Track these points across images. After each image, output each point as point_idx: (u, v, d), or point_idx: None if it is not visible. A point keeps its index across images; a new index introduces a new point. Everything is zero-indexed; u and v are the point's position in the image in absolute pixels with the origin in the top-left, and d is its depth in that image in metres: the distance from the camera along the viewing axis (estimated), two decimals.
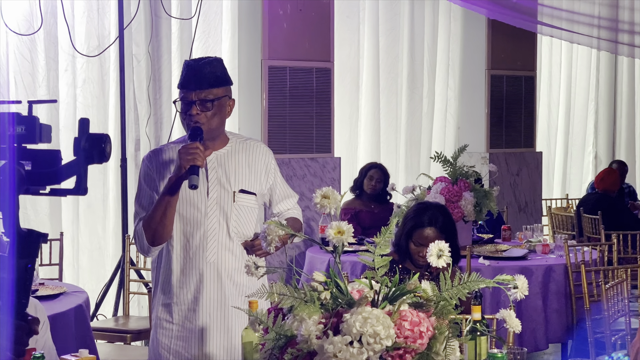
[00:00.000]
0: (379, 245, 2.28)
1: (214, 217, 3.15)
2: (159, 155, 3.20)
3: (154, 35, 6.52)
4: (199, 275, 3.14)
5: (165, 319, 3.18)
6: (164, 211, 3.06)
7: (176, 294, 3.15)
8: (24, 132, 1.74)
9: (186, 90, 3.10)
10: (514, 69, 8.50)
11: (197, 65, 3.12)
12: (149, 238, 3.08)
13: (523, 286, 2.31)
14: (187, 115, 3.11)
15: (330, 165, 7.05)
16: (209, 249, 3.14)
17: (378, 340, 2.06)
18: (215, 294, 3.15)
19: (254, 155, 3.26)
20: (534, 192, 8.73)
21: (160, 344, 3.18)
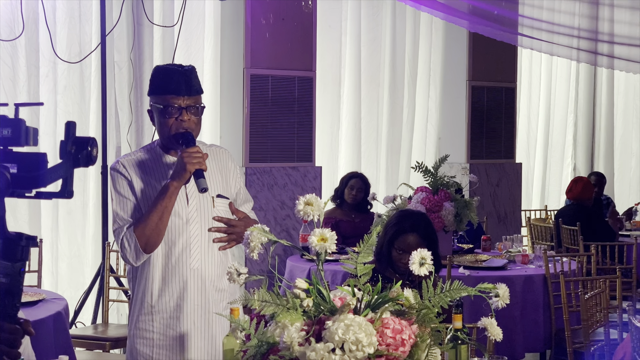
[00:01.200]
0: (361, 253, 2.29)
1: (195, 223, 3.14)
2: (134, 162, 3.17)
3: (136, 42, 6.51)
4: (182, 283, 3.13)
5: (145, 328, 3.15)
6: (160, 217, 3.05)
7: (157, 302, 3.13)
8: (10, 135, 1.73)
9: (175, 95, 3.09)
10: (495, 80, 8.56)
11: (185, 71, 3.12)
12: (142, 245, 3.06)
13: (504, 294, 2.32)
14: (176, 121, 3.10)
15: (311, 174, 7.06)
16: (193, 255, 3.13)
17: (360, 348, 2.06)
18: (199, 301, 3.14)
19: (222, 161, 3.27)
20: (514, 202, 8.78)
21: (140, 354, 3.15)
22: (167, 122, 3.11)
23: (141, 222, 3.07)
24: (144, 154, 3.21)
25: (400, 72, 8.40)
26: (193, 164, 3.00)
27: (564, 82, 10.42)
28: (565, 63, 10.14)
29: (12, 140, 1.74)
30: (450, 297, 2.23)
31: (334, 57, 7.87)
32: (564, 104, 10.47)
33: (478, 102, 8.47)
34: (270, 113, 6.85)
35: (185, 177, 3.03)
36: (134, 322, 3.19)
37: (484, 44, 8.25)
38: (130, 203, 3.13)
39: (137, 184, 3.14)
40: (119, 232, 3.11)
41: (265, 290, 2.23)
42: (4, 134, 1.74)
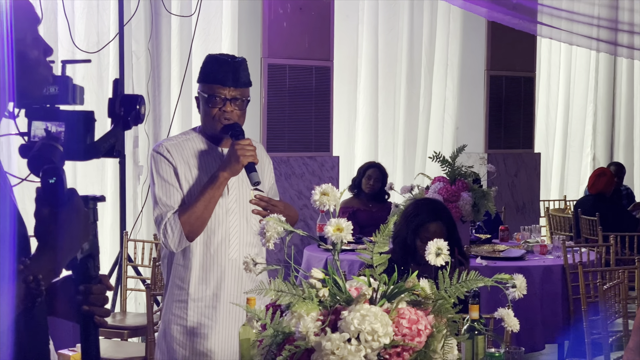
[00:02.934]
0: (377, 243, 2.28)
1: (234, 214, 3.16)
2: (178, 148, 3.17)
3: (154, 33, 6.51)
4: (220, 273, 3.14)
5: (181, 315, 3.16)
6: (206, 206, 3.05)
7: (195, 291, 3.14)
8: (57, 92, 1.71)
9: (221, 85, 3.09)
10: (513, 70, 8.50)
11: (234, 62, 3.11)
12: (186, 232, 3.06)
13: (521, 285, 2.31)
14: (219, 111, 3.10)
15: (328, 164, 7.05)
16: (231, 246, 3.15)
17: (376, 338, 2.06)
18: (235, 291, 3.15)
19: (259, 155, 3.27)
20: (532, 193, 8.73)
21: (174, 340, 3.17)
22: (210, 112, 3.11)
23: (187, 209, 3.07)
24: (187, 140, 3.20)
25: (417, 62, 8.37)
26: (247, 156, 3.02)
27: (584, 71, 10.35)
28: (584, 52, 10.06)
29: (59, 98, 1.72)
30: (467, 288, 2.22)
31: (351, 46, 7.84)
32: (584, 94, 10.39)
33: (496, 92, 8.42)
34: (288, 103, 6.85)
35: (237, 169, 3.04)
36: (169, 308, 3.20)
37: (502, 33, 8.20)
38: (174, 189, 3.13)
39: (181, 170, 3.14)
40: (162, 217, 3.10)
41: (281, 280, 2.23)
42: (50, 91, 1.72)
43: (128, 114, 1.80)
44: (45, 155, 1.65)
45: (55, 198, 1.64)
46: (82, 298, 1.79)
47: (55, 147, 1.67)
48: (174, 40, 6.64)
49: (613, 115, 10.84)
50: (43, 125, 1.70)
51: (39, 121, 1.70)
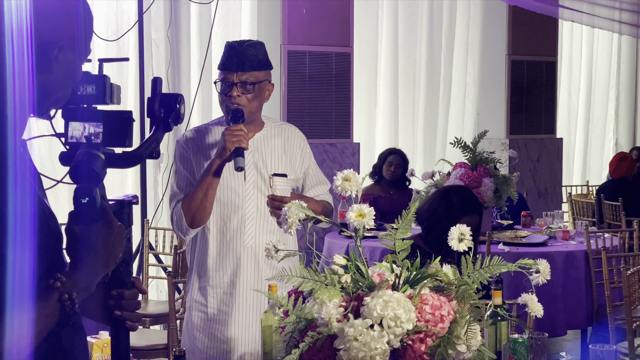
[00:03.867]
0: (399, 229, 2.27)
1: (251, 201, 3.15)
2: (196, 137, 3.19)
3: (173, 20, 6.51)
4: (236, 259, 3.14)
5: (201, 301, 3.17)
6: (205, 193, 3.06)
7: (212, 277, 3.15)
8: (94, 92, 1.69)
9: (227, 71, 3.09)
10: (535, 55, 8.44)
11: (240, 47, 3.11)
12: (188, 220, 3.08)
13: (545, 270, 2.29)
14: (227, 97, 3.10)
15: (349, 151, 7.03)
16: (247, 232, 3.14)
17: (399, 324, 2.05)
18: (252, 278, 3.15)
19: (290, 140, 3.26)
20: (554, 178, 8.68)
21: (195, 326, 3.18)
22: (222, 98, 3.13)
23: (187, 197, 3.10)
24: (209, 128, 3.22)
25: (437, 47, 8.32)
26: (232, 142, 3.00)
27: (606, 55, 10.25)
28: (606, 36, 9.97)
29: (96, 98, 1.70)
30: (490, 273, 2.20)
31: (370, 32, 7.81)
32: (606, 78, 10.31)
33: (518, 77, 8.36)
34: (308, 89, 6.83)
35: (225, 154, 3.03)
36: (190, 295, 3.22)
37: (523, 17, 8.13)
38: (185, 177, 3.16)
39: (195, 157, 3.16)
40: (172, 205, 3.16)
41: (303, 266, 2.22)
42: (88, 91, 1.70)
43: (168, 115, 1.77)
44: (88, 165, 1.63)
45: (87, 217, 1.62)
46: (115, 303, 1.78)
47: (97, 156, 1.65)
48: (194, 28, 6.63)
49: (636, 99, 10.74)
50: (80, 127, 1.67)
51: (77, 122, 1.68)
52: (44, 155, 5.70)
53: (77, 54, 1.70)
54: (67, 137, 1.69)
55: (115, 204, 1.74)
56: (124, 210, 1.75)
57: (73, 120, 1.68)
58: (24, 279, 1.58)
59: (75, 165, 1.63)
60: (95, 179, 1.64)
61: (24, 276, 1.58)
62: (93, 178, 1.63)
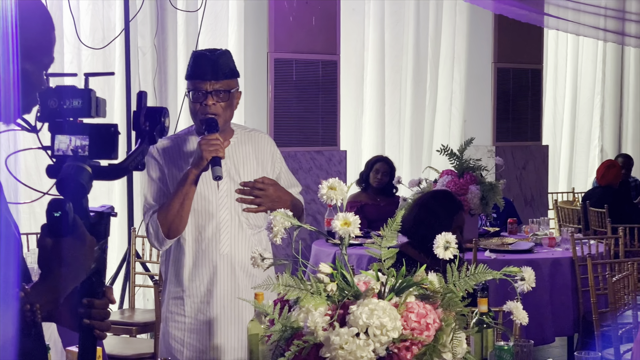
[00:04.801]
0: (385, 237, 2.28)
1: (225, 209, 3.14)
2: (168, 148, 3.18)
3: (160, 28, 6.50)
4: (212, 268, 3.13)
5: (177, 312, 3.17)
6: (181, 203, 3.05)
7: (188, 287, 3.14)
8: (80, 106, 1.71)
9: (201, 80, 3.08)
10: (521, 62, 8.48)
11: (213, 55, 3.10)
12: (165, 230, 3.07)
13: (530, 278, 2.30)
14: (201, 106, 3.09)
15: (336, 159, 7.04)
16: (222, 241, 3.14)
17: (384, 332, 2.05)
18: (229, 286, 3.14)
19: (260, 146, 3.26)
20: (540, 185, 8.71)
21: (172, 337, 3.18)
22: (194, 107, 3.11)
23: (163, 208, 3.08)
24: (180, 138, 3.21)
25: (423, 55, 8.34)
26: (209, 151, 2.99)
27: (591, 63, 10.31)
28: (591, 44, 10.02)
29: (82, 111, 1.72)
30: (475, 281, 2.21)
31: (357, 40, 7.82)
32: (591, 85, 10.36)
33: (504, 84, 8.40)
34: (295, 97, 6.83)
35: (202, 164, 3.02)
36: (166, 305, 3.21)
37: (509, 25, 8.17)
38: (158, 187, 3.15)
39: (167, 168, 3.15)
40: (146, 216, 3.14)
41: (289, 274, 2.22)
42: (74, 104, 1.72)
43: (153, 128, 1.80)
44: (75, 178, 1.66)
45: (60, 230, 1.66)
46: (84, 311, 1.80)
47: (83, 169, 1.68)
48: (180, 36, 6.63)
49: (621, 106, 10.79)
50: (67, 139, 1.71)
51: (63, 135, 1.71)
52: (30, 167, 5.68)
53: (36, 63, 1.75)
54: (54, 150, 1.72)
55: (95, 215, 1.76)
56: (102, 221, 1.78)
57: (59, 133, 1.71)
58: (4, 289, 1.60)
59: (62, 178, 1.66)
60: (81, 191, 1.67)
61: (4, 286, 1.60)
62: (79, 191, 1.65)
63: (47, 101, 1.72)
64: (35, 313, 1.65)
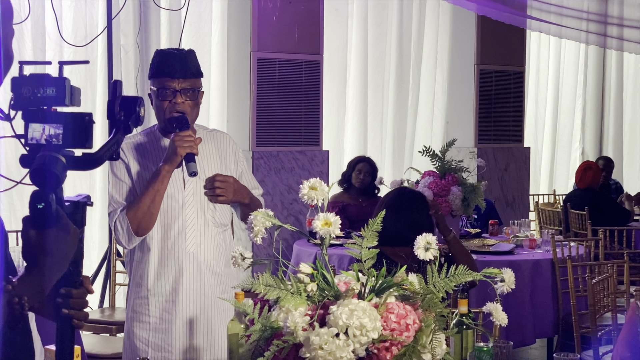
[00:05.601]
0: (366, 237, 2.28)
1: (191, 207, 3.14)
2: (134, 146, 3.17)
3: (143, 26, 6.48)
4: (177, 267, 3.13)
5: (141, 311, 3.16)
6: (152, 200, 3.05)
7: (153, 286, 3.14)
8: (54, 94, 1.70)
9: (170, 78, 3.07)
10: (503, 64, 8.51)
11: (181, 54, 3.11)
12: (134, 228, 3.06)
13: (510, 279, 2.30)
14: (170, 104, 3.08)
15: (318, 158, 7.04)
16: (188, 239, 3.13)
17: (364, 333, 2.06)
18: (195, 285, 3.14)
19: (223, 146, 3.26)
20: (522, 187, 8.75)
21: (137, 337, 3.16)
22: (162, 105, 3.10)
23: (133, 205, 3.07)
24: (143, 138, 3.20)
25: (406, 56, 8.36)
26: (184, 147, 2.99)
27: (573, 65, 10.36)
28: (573, 47, 10.07)
29: (56, 100, 1.71)
30: (455, 282, 2.22)
31: (340, 40, 7.83)
32: (573, 88, 10.41)
33: (486, 86, 8.43)
34: (277, 97, 6.83)
35: (176, 160, 3.02)
36: (130, 306, 3.20)
37: (492, 27, 8.20)
38: (126, 186, 3.13)
39: (134, 167, 3.14)
40: (113, 215, 3.12)
41: (269, 274, 2.22)
42: (48, 93, 1.71)
43: (128, 118, 1.79)
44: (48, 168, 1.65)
45: (44, 222, 1.65)
46: (62, 301, 1.79)
47: (57, 159, 1.66)
48: (163, 35, 6.61)
49: (602, 109, 10.86)
50: (40, 128, 1.69)
51: (37, 123, 1.70)
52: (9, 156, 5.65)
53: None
54: (27, 139, 1.70)
55: (70, 205, 1.75)
56: (77, 211, 1.77)
57: (33, 121, 1.69)
58: None
59: (35, 168, 1.64)
60: (55, 181, 1.66)
61: None
62: (53, 181, 1.65)
63: (21, 89, 1.70)
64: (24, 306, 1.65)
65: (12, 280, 1.65)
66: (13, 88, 1.71)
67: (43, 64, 1.91)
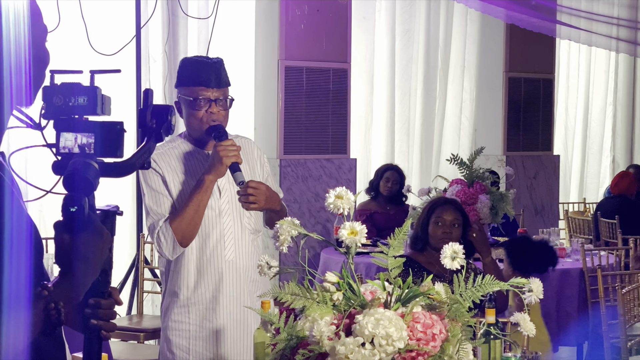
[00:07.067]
0: (392, 246, 2.26)
1: (228, 215, 3.15)
2: (166, 156, 3.16)
3: (171, 35, 6.51)
4: (217, 275, 3.14)
5: (181, 320, 3.16)
6: (196, 210, 3.06)
7: (193, 295, 3.14)
8: (86, 103, 1.70)
9: (205, 87, 3.08)
10: (532, 72, 8.46)
11: (215, 64, 3.12)
12: (179, 238, 3.06)
13: (538, 289, 2.28)
14: (206, 113, 3.09)
15: (346, 167, 7.03)
16: (227, 247, 3.14)
17: (390, 342, 2.04)
18: (235, 292, 3.15)
19: (248, 151, 3.27)
20: (551, 195, 8.68)
21: (176, 345, 3.16)
22: (196, 115, 3.11)
23: (177, 215, 3.07)
24: (172, 148, 3.20)
25: (433, 64, 8.34)
26: (229, 157, 3.01)
27: (603, 73, 10.27)
28: (603, 54, 9.99)
29: (88, 109, 1.71)
30: (483, 292, 2.19)
31: (367, 48, 7.82)
32: (603, 95, 10.32)
33: (515, 94, 8.38)
34: (305, 105, 6.83)
35: (222, 170, 3.04)
36: (168, 315, 3.20)
37: (521, 34, 8.15)
38: (163, 197, 3.13)
39: (168, 177, 3.14)
40: (154, 226, 3.11)
41: (295, 283, 2.21)
42: (79, 102, 1.71)
43: (160, 126, 1.79)
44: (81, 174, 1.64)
45: (77, 226, 1.64)
46: (91, 311, 1.78)
47: (90, 165, 1.66)
48: (191, 43, 6.64)
49: (633, 117, 10.75)
50: (72, 137, 1.69)
51: (68, 132, 1.69)
52: (34, 166, 5.71)
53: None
54: (59, 148, 1.70)
55: (101, 213, 1.75)
56: (107, 220, 1.77)
57: (65, 131, 1.69)
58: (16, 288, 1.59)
59: (69, 174, 1.64)
60: (89, 187, 1.65)
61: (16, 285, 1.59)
62: (87, 187, 1.64)
63: (52, 98, 1.70)
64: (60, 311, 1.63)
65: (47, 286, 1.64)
66: (44, 97, 1.71)
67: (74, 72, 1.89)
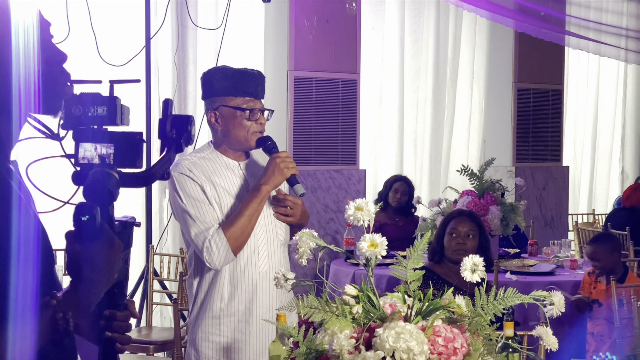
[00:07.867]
0: (412, 258, 2.23)
1: (261, 227, 3.14)
2: (199, 166, 3.13)
3: (180, 46, 6.51)
4: (252, 287, 3.12)
5: (212, 332, 3.13)
6: (250, 219, 3.05)
7: (227, 306, 3.11)
8: (105, 114, 1.68)
9: (254, 98, 3.12)
10: (541, 83, 8.43)
11: (259, 74, 3.16)
12: (232, 247, 3.04)
13: (560, 302, 2.24)
14: (257, 124, 3.11)
15: (355, 178, 7.01)
16: (261, 258, 3.13)
17: (411, 356, 2.01)
18: (268, 304, 3.14)
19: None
20: (561, 206, 8.64)
21: (205, 357, 3.13)
22: (245, 124, 3.10)
23: (232, 224, 3.04)
24: (203, 158, 3.17)
25: (442, 74, 8.32)
26: (289, 169, 3.04)
27: (612, 83, 10.24)
28: (612, 64, 9.96)
29: (108, 119, 1.69)
30: (504, 305, 2.16)
31: (376, 59, 7.81)
32: (612, 106, 10.28)
33: (524, 104, 8.35)
34: (314, 115, 6.81)
35: (280, 181, 3.07)
36: (199, 326, 3.15)
37: (530, 45, 8.14)
38: (207, 206, 3.09)
39: (206, 187, 3.10)
40: (203, 235, 3.05)
41: (313, 296, 2.18)
42: (99, 112, 1.69)
43: (180, 136, 1.77)
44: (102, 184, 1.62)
45: (88, 235, 1.62)
46: (106, 323, 1.75)
47: (110, 175, 1.64)
48: (200, 53, 6.63)
49: None
50: (92, 147, 1.67)
51: (88, 143, 1.67)
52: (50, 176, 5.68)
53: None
54: (78, 158, 1.68)
55: (119, 224, 1.73)
56: (125, 231, 1.74)
57: (83, 141, 1.68)
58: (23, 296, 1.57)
59: (90, 184, 1.62)
60: (108, 198, 1.63)
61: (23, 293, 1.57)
62: (106, 197, 1.62)
63: (71, 108, 1.69)
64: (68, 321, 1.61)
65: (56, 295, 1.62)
66: (63, 107, 1.69)
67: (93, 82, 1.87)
